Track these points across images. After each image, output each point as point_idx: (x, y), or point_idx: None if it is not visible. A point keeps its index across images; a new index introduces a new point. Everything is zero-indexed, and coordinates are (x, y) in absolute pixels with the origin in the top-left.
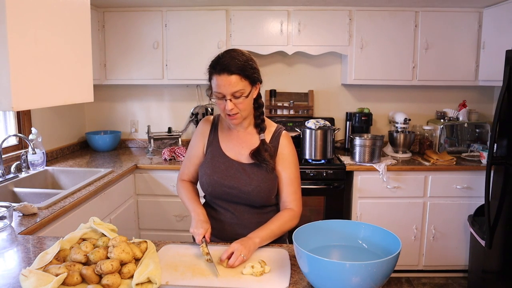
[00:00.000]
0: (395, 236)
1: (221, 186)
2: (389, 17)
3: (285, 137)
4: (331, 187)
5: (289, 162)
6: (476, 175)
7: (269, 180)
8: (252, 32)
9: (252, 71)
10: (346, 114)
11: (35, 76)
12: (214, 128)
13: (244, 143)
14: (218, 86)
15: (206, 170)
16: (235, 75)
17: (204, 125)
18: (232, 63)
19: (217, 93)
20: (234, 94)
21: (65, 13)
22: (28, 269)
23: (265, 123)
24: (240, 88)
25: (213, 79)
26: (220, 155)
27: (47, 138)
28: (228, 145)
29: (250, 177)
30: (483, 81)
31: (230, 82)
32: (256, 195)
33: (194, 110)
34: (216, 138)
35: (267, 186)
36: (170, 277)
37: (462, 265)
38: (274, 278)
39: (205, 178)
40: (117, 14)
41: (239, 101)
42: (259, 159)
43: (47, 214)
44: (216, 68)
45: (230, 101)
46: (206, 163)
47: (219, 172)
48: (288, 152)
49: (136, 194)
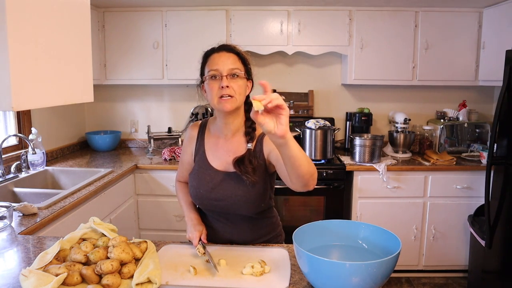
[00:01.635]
0: (395, 236)
1: (208, 199)
2: (389, 17)
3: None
4: (331, 187)
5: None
6: (476, 175)
7: (257, 190)
8: (252, 32)
9: (248, 63)
10: (346, 114)
11: (35, 76)
12: (200, 134)
13: (231, 152)
14: (216, 63)
15: (193, 182)
16: (233, 54)
17: (192, 131)
18: (231, 45)
19: (212, 71)
20: (231, 72)
21: (65, 13)
22: (28, 269)
23: (255, 132)
24: (237, 66)
25: (209, 60)
26: (205, 166)
27: (47, 138)
28: (214, 155)
29: (236, 187)
30: (483, 81)
31: (228, 57)
32: (243, 204)
33: (194, 110)
34: (202, 147)
35: (254, 196)
36: (170, 277)
37: (462, 265)
38: (274, 278)
39: (192, 190)
40: (117, 14)
41: (235, 81)
42: (241, 169)
43: (47, 214)
44: (214, 48)
45: (226, 78)
46: (193, 175)
47: (204, 184)
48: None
49: (136, 194)
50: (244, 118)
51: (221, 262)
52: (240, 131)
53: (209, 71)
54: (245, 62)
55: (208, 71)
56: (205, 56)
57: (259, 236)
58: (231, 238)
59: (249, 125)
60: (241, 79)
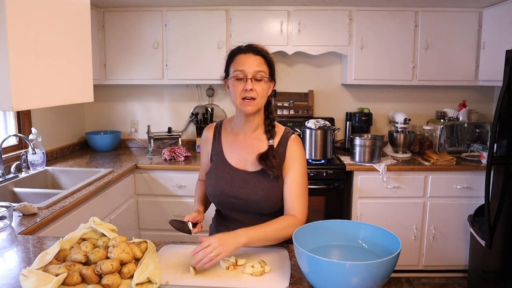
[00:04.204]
0: (395, 236)
1: (227, 197)
2: (389, 17)
3: (294, 140)
4: (331, 187)
5: (296, 166)
6: (476, 175)
7: (276, 188)
8: (252, 32)
9: (273, 64)
10: (346, 114)
11: (35, 76)
12: (217, 135)
13: (250, 149)
14: (242, 64)
15: (211, 180)
16: (260, 56)
17: (207, 132)
18: (259, 47)
19: (238, 72)
20: (256, 75)
21: (65, 13)
22: (28, 269)
23: (275, 129)
24: (263, 69)
25: (235, 60)
26: (224, 165)
27: (47, 138)
28: (232, 153)
29: (256, 186)
30: (483, 81)
31: (255, 60)
32: (263, 204)
33: (194, 110)
34: (220, 146)
35: (274, 195)
36: (170, 277)
37: (462, 265)
38: (274, 278)
39: (210, 188)
40: (117, 14)
41: (259, 84)
42: (267, 164)
43: (47, 214)
44: (241, 48)
45: (251, 81)
46: (210, 173)
47: (224, 182)
48: (297, 155)
49: (136, 194)
50: (264, 116)
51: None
52: (260, 128)
53: (235, 71)
54: (270, 64)
55: (233, 71)
56: (232, 54)
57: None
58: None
59: (268, 123)
60: (265, 82)
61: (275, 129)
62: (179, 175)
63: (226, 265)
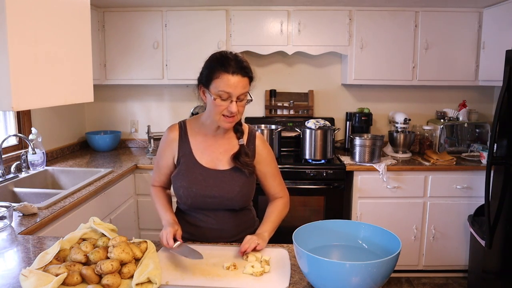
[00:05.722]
0: (395, 236)
1: (202, 197)
2: (389, 17)
3: (259, 138)
4: (331, 187)
5: (269, 160)
6: (476, 175)
7: (250, 184)
8: (252, 32)
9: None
10: (346, 114)
11: (35, 76)
12: (183, 135)
13: (222, 148)
14: (228, 85)
15: (183, 183)
16: (247, 78)
17: (171, 134)
18: (246, 66)
19: (223, 93)
20: (240, 96)
21: (65, 13)
22: (28, 269)
23: (242, 128)
24: (247, 90)
25: (221, 78)
26: (195, 166)
27: (47, 138)
28: (203, 154)
29: (232, 183)
30: (483, 81)
31: (242, 84)
32: (239, 200)
33: (194, 110)
34: (188, 147)
35: (248, 190)
36: (170, 277)
37: (462, 265)
38: (274, 278)
39: (182, 191)
40: (117, 14)
41: (241, 104)
42: (241, 162)
43: (47, 214)
44: (229, 67)
45: (235, 103)
46: (181, 175)
47: (197, 183)
48: (267, 152)
49: (136, 194)
50: None
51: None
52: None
53: (220, 90)
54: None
55: (218, 90)
56: (217, 68)
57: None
58: (216, 234)
59: (237, 123)
60: (246, 100)
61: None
62: None
63: (227, 265)
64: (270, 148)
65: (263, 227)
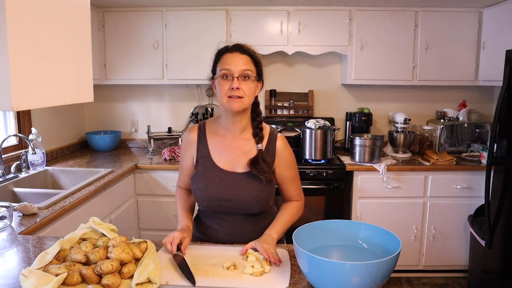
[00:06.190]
0: (395, 236)
1: (218, 200)
2: (389, 17)
3: (281, 139)
4: (331, 187)
5: (289, 163)
6: (476, 175)
7: (268, 189)
8: (252, 32)
9: (260, 64)
10: (346, 114)
11: (35, 76)
12: (202, 136)
13: (239, 149)
14: (228, 62)
15: (199, 184)
16: (247, 55)
17: (190, 135)
18: (245, 47)
19: (224, 70)
20: (243, 73)
21: (65, 13)
22: (28, 269)
23: (263, 132)
24: (249, 68)
25: (222, 58)
26: (212, 167)
27: (47, 138)
28: (221, 155)
29: (248, 187)
30: (483, 81)
31: (241, 59)
32: (255, 204)
33: (194, 110)
34: (206, 148)
35: (266, 195)
36: (170, 277)
37: (462, 265)
38: (274, 278)
39: (198, 192)
40: (117, 14)
41: (246, 83)
42: (258, 169)
43: (47, 214)
44: (228, 48)
45: (237, 79)
46: (198, 177)
47: (214, 186)
48: (287, 155)
49: (136, 194)
50: (251, 117)
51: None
52: (248, 129)
53: (221, 70)
54: (257, 64)
55: (220, 70)
56: (219, 54)
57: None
58: (232, 239)
59: (256, 126)
60: (252, 81)
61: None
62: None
63: (227, 265)
64: (292, 151)
65: (272, 228)
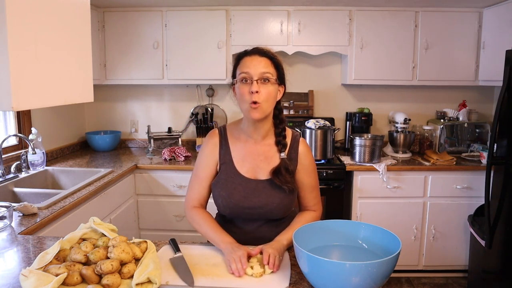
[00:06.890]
0: (395, 236)
1: (241, 208)
2: (389, 17)
3: (303, 145)
4: (331, 187)
5: (310, 171)
6: (476, 175)
7: (291, 196)
8: (252, 32)
9: (281, 67)
10: (346, 114)
11: (35, 76)
12: (223, 142)
13: (262, 156)
14: (247, 66)
15: (221, 192)
16: (266, 58)
17: (212, 140)
18: (265, 49)
19: (243, 74)
20: (262, 76)
21: (65, 13)
22: (28, 269)
23: (286, 140)
24: (269, 71)
25: (241, 62)
26: (235, 175)
27: (47, 138)
28: (244, 162)
29: (271, 194)
30: (483, 81)
31: (260, 62)
32: (278, 211)
33: (194, 110)
34: (228, 154)
35: (289, 201)
36: (170, 277)
37: (462, 265)
38: (274, 278)
39: (221, 200)
40: (117, 14)
41: (265, 87)
42: (280, 180)
43: (47, 214)
44: (247, 51)
45: (256, 82)
46: (220, 184)
47: (237, 194)
48: (309, 161)
49: (136, 194)
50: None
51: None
52: (270, 135)
53: (240, 73)
54: (278, 67)
55: (239, 74)
56: (238, 57)
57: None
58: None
59: (278, 133)
60: (272, 85)
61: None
62: (179, 175)
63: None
64: (313, 158)
65: (284, 234)
